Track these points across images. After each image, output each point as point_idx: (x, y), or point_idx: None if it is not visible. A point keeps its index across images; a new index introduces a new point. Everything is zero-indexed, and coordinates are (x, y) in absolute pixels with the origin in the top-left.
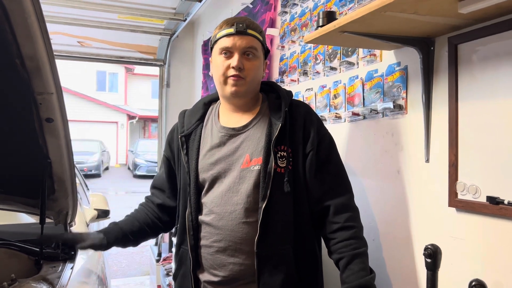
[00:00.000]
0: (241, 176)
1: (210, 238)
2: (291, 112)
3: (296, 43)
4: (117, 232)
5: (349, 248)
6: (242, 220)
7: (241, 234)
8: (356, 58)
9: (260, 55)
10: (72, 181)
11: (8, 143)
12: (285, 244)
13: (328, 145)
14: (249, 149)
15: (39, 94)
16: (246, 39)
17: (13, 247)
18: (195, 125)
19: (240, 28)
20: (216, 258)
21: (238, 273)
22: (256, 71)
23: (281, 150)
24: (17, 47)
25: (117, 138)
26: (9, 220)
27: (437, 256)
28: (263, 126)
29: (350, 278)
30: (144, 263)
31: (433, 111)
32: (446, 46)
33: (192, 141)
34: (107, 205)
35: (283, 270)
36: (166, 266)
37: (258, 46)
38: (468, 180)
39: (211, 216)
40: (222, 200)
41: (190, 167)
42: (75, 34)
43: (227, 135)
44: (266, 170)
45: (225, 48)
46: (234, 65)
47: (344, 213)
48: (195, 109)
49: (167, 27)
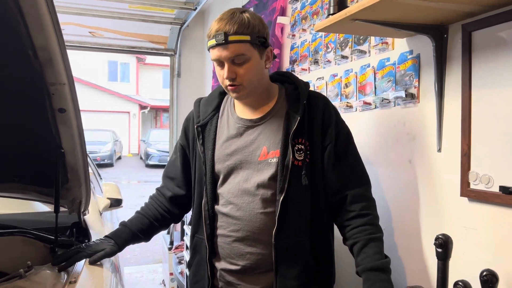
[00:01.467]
0: (259, 168)
1: (228, 227)
2: (309, 104)
3: (307, 31)
4: (127, 234)
5: (364, 233)
6: (260, 210)
7: (259, 225)
8: (367, 47)
9: (251, 55)
10: (85, 170)
11: (22, 134)
12: (303, 236)
13: (345, 138)
14: (266, 142)
15: (51, 85)
16: (230, 48)
17: (29, 235)
18: (211, 115)
19: (219, 40)
20: (233, 248)
21: (255, 262)
22: (251, 73)
23: (298, 143)
24: (30, 38)
25: (129, 128)
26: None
27: (448, 246)
28: (280, 118)
29: (365, 260)
30: (156, 251)
31: (446, 100)
32: (460, 33)
33: (208, 131)
34: (120, 194)
35: (300, 261)
36: (178, 254)
37: (246, 49)
38: (480, 169)
39: (228, 207)
40: (240, 191)
41: (206, 157)
42: (86, 24)
43: (244, 127)
44: (284, 163)
45: (215, 60)
46: (226, 77)
47: (361, 202)
48: (210, 98)
49: (177, 17)
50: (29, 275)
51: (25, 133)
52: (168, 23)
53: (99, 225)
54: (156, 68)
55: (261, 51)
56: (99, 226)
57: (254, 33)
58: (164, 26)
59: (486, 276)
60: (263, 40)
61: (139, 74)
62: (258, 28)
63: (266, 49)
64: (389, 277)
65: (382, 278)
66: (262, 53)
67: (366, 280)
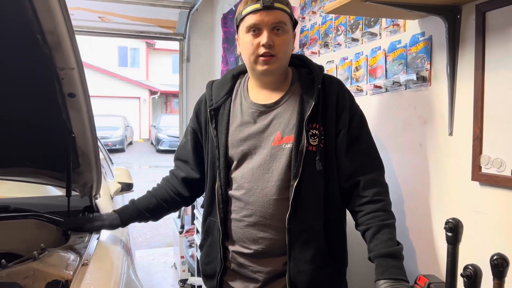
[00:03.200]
0: (272, 153)
1: (240, 212)
2: (324, 89)
3: (317, 14)
4: (132, 211)
5: (377, 219)
6: (273, 197)
7: (271, 211)
8: (378, 29)
9: (289, 28)
10: (96, 155)
11: (34, 119)
12: (316, 221)
13: (359, 122)
14: (280, 127)
15: (61, 70)
16: (274, 14)
17: (42, 218)
18: (224, 99)
19: (267, 2)
20: (246, 232)
21: (268, 247)
22: (287, 46)
23: (313, 128)
24: (38, 22)
25: (140, 113)
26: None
27: (458, 230)
28: (294, 103)
29: (378, 246)
30: (168, 235)
31: (458, 83)
32: (473, 14)
33: (221, 115)
34: (131, 179)
35: (314, 246)
36: (189, 238)
37: (287, 20)
38: (492, 153)
39: (241, 191)
40: (253, 176)
41: (220, 141)
42: (95, 9)
43: (257, 111)
44: (298, 148)
45: (253, 26)
46: (264, 43)
47: (373, 188)
48: (223, 81)
49: (186, 0)
50: (43, 257)
51: (36, 118)
52: (177, 7)
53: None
54: (166, 53)
55: (293, 30)
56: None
57: (291, 11)
58: (173, 10)
59: (497, 260)
60: (296, 21)
61: (149, 59)
62: (291, 10)
63: (294, 31)
64: (402, 263)
65: (394, 264)
66: (292, 32)
67: (378, 266)
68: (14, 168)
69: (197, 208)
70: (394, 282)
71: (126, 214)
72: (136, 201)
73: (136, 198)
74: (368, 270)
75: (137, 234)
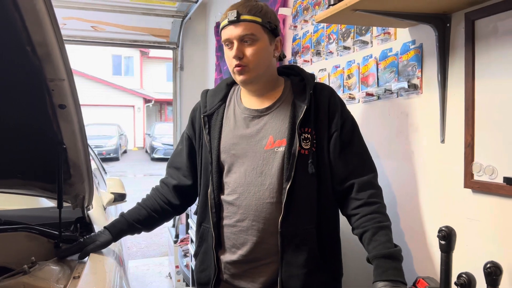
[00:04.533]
0: (265, 157)
1: (233, 217)
2: (316, 94)
3: (309, 22)
4: (122, 224)
5: (373, 221)
6: (266, 200)
7: (265, 214)
8: (370, 37)
9: (260, 37)
10: (88, 165)
11: (24, 131)
12: (309, 224)
13: (351, 126)
14: (273, 131)
15: (51, 81)
16: (240, 27)
17: (33, 231)
18: (217, 105)
19: (231, 17)
20: (239, 237)
21: (260, 252)
22: (259, 55)
23: (305, 132)
24: (27, 34)
25: (134, 122)
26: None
27: (452, 238)
28: (286, 108)
29: (377, 248)
30: (162, 245)
31: (449, 90)
32: (463, 22)
33: (214, 121)
34: (123, 189)
35: (306, 250)
36: (184, 247)
37: (256, 29)
38: (484, 160)
39: (234, 196)
40: (246, 180)
41: (212, 146)
42: (88, 18)
43: (250, 116)
44: (290, 151)
45: (226, 40)
46: (233, 56)
47: (368, 190)
48: (218, 89)
49: (179, 9)
50: (33, 271)
51: (26, 130)
52: (170, 16)
53: (103, 220)
54: (160, 61)
55: (271, 38)
56: (103, 221)
57: (266, 17)
58: (166, 19)
59: (490, 268)
60: (274, 27)
61: (143, 67)
62: (271, 16)
63: (276, 38)
64: (401, 265)
65: (393, 266)
66: (272, 39)
67: (377, 267)
68: (4, 180)
69: (191, 217)
70: (393, 284)
71: (116, 229)
72: (126, 214)
73: (125, 211)
74: (364, 279)
75: (132, 243)
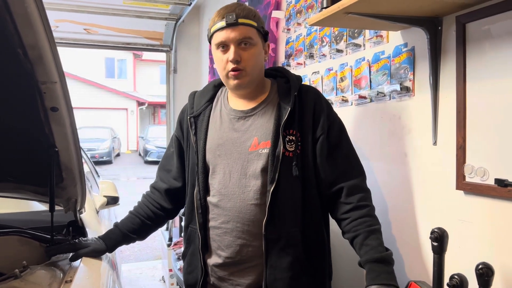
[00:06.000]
0: (249, 159)
1: (218, 219)
2: (301, 96)
3: (302, 25)
4: (116, 235)
5: (364, 225)
6: (250, 202)
7: (249, 216)
8: (362, 40)
9: (256, 41)
10: (80, 169)
11: (16, 133)
12: (293, 227)
13: (338, 129)
14: (258, 132)
15: (42, 83)
16: (238, 30)
17: (25, 235)
18: (204, 106)
19: (230, 20)
20: (223, 239)
21: (245, 254)
22: (255, 59)
23: (289, 134)
24: (19, 36)
25: (128, 125)
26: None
27: (444, 240)
28: (271, 109)
29: (369, 252)
30: (156, 248)
31: (441, 93)
32: (454, 25)
33: (201, 122)
34: (116, 192)
35: (291, 253)
36: (177, 251)
37: (253, 33)
38: (476, 162)
39: (218, 198)
40: (230, 182)
41: (198, 147)
42: (81, 21)
43: (236, 118)
44: (274, 153)
45: (220, 43)
46: (231, 59)
47: (357, 194)
48: (205, 91)
49: (172, 12)
50: (25, 275)
51: (18, 132)
52: (163, 19)
53: (95, 223)
54: (153, 64)
55: (263, 42)
56: (96, 224)
57: (260, 22)
58: (159, 22)
59: (482, 269)
60: (266, 32)
61: (136, 70)
62: (261, 20)
63: (266, 43)
64: (393, 269)
65: (386, 270)
66: (263, 44)
67: (370, 271)
68: None
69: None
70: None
71: (111, 240)
72: (120, 224)
73: (119, 221)
74: (354, 282)
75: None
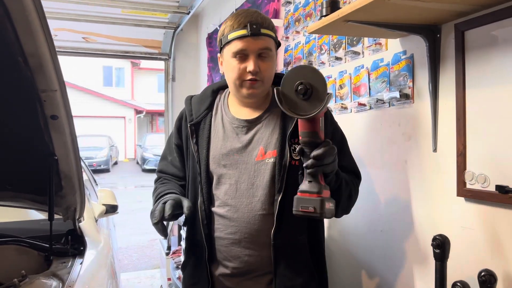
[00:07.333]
0: (256, 169)
1: (225, 230)
2: None
3: (301, 33)
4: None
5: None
6: (258, 212)
7: (257, 226)
8: (361, 48)
9: (274, 53)
10: (79, 177)
11: (15, 141)
12: (301, 235)
13: (340, 138)
14: (263, 142)
15: (43, 92)
16: (261, 41)
17: (23, 244)
18: (204, 113)
19: (254, 30)
20: (230, 250)
21: (253, 264)
22: (272, 70)
23: (295, 143)
24: (19, 45)
25: (125, 133)
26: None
27: (446, 247)
28: (276, 118)
29: None
30: (154, 257)
31: (440, 100)
32: (452, 33)
33: (202, 130)
34: (115, 200)
35: (299, 260)
36: (176, 259)
37: (272, 45)
38: (476, 169)
39: (225, 208)
40: (237, 192)
41: (201, 156)
42: (79, 30)
43: (239, 127)
44: (281, 163)
45: (239, 51)
46: (252, 70)
47: None
48: (203, 96)
49: (171, 21)
50: (23, 285)
51: (17, 140)
52: (161, 27)
53: (94, 232)
54: (151, 72)
55: (276, 53)
56: (95, 233)
57: (275, 32)
58: (158, 31)
59: (485, 276)
60: (279, 43)
61: (134, 78)
62: (276, 33)
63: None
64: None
65: None
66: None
67: None
68: None
69: (183, 228)
70: None
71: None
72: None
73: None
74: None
75: (123, 256)
